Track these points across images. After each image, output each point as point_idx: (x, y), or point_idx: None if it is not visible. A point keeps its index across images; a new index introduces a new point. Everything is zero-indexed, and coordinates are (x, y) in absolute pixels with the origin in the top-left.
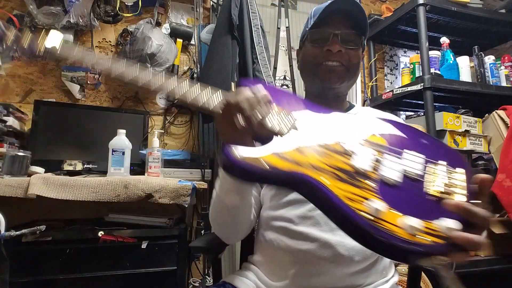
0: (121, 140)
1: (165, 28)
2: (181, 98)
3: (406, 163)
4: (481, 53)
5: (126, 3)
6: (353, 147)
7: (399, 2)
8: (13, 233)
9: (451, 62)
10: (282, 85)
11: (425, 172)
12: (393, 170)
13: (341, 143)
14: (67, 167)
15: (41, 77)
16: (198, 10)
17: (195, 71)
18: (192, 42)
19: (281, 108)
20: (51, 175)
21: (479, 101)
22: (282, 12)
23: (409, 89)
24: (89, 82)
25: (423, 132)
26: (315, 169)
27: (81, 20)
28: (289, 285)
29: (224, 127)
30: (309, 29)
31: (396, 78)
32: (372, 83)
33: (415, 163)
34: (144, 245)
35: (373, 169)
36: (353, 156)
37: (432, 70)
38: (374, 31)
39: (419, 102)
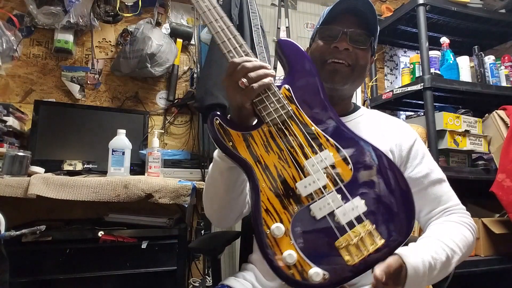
0: (121, 140)
1: (165, 28)
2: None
3: (344, 208)
4: (481, 53)
5: (126, 3)
6: (313, 169)
7: (399, 2)
8: (13, 233)
9: (451, 62)
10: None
11: (351, 229)
12: (325, 207)
13: (306, 161)
14: (67, 167)
15: (41, 77)
16: None
17: (195, 71)
18: (192, 42)
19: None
20: (51, 175)
21: (479, 101)
22: (282, 12)
23: (409, 89)
24: (89, 82)
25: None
26: (263, 168)
27: (81, 20)
28: (283, 285)
29: (228, 84)
30: (319, 25)
31: (396, 78)
32: (372, 83)
33: (352, 213)
34: (144, 245)
35: (309, 197)
36: (306, 178)
37: (432, 70)
38: None
39: (419, 102)
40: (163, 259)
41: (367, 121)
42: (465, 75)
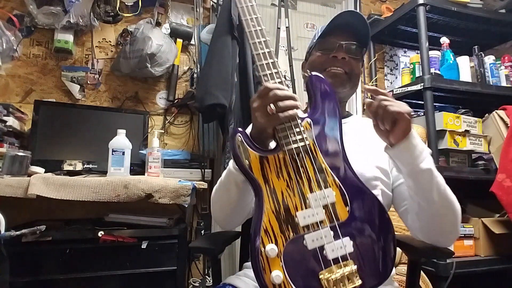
0: (121, 140)
1: (165, 28)
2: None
3: (334, 245)
4: (481, 53)
5: (126, 3)
6: (314, 203)
7: (399, 2)
8: (13, 233)
9: (451, 62)
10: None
11: (335, 264)
12: (318, 240)
13: (310, 194)
14: (67, 167)
15: (41, 77)
16: (198, 10)
17: (195, 71)
18: (192, 42)
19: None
20: (51, 175)
21: (479, 101)
22: (282, 12)
23: (409, 89)
24: (89, 82)
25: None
26: (271, 191)
27: (81, 20)
28: None
29: (257, 106)
30: (316, 39)
31: (396, 78)
32: (372, 83)
33: (339, 251)
34: (144, 245)
35: (306, 228)
36: (306, 209)
37: (432, 70)
38: (374, 31)
39: (419, 102)
40: (163, 259)
41: (359, 128)
42: (465, 75)
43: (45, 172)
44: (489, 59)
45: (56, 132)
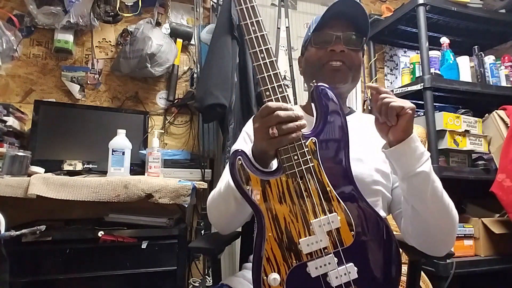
0: (121, 140)
1: (165, 28)
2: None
3: (338, 272)
4: (481, 53)
5: (126, 3)
6: (318, 230)
7: (399, 2)
8: (13, 233)
9: (451, 62)
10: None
11: None
12: (321, 267)
13: (314, 220)
14: (67, 167)
15: (41, 77)
16: (198, 10)
17: (195, 71)
18: (192, 42)
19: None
20: (51, 175)
21: (479, 101)
22: (282, 12)
23: (409, 89)
24: (89, 82)
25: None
26: (273, 218)
27: (81, 20)
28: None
29: (258, 127)
30: (312, 32)
31: (396, 78)
32: (372, 83)
33: (344, 278)
34: (144, 245)
35: (309, 255)
36: (310, 236)
37: (432, 70)
38: (374, 31)
39: (419, 102)
40: (163, 259)
41: (361, 124)
42: (465, 75)
43: (45, 172)
44: (489, 59)
45: (56, 132)
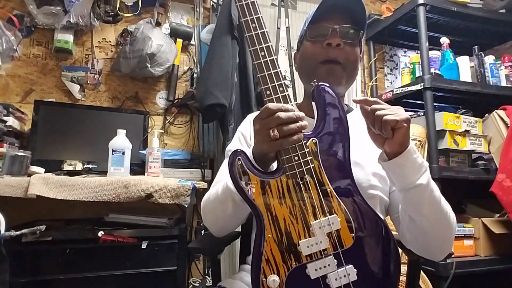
0: (121, 140)
1: (165, 28)
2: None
3: (337, 274)
4: (481, 53)
5: (126, 3)
6: (318, 231)
7: (399, 2)
8: (13, 233)
9: (451, 62)
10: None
11: None
12: (321, 269)
13: (314, 222)
14: (67, 167)
15: (41, 77)
16: (198, 10)
17: (195, 71)
18: (192, 42)
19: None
20: (51, 175)
21: (479, 101)
22: (282, 12)
23: (409, 89)
24: (89, 82)
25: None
26: (273, 219)
27: (81, 20)
28: None
29: (259, 129)
30: (307, 25)
31: (396, 78)
32: (372, 83)
33: (343, 279)
34: (144, 245)
35: (309, 256)
36: (310, 238)
37: (432, 70)
38: (374, 31)
39: (419, 102)
40: (163, 259)
41: (360, 124)
42: (465, 75)
43: (45, 172)
44: (489, 59)
45: (56, 132)
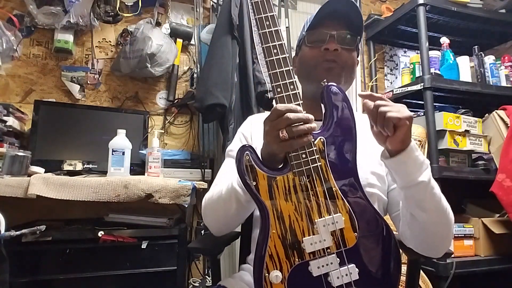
0: (121, 140)
1: (165, 28)
2: None
3: (340, 272)
4: (481, 53)
5: (126, 3)
6: (322, 229)
7: (399, 2)
8: (13, 233)
9: (451, 62)
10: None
11: None
12: (323, 267)
13: (318, 219)
14: (67, 167)
15: (41, 77)
16: (198, 10)
17: (195, 71)
18: (192, 42)
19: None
20: (51, 175)
21: (479, 101)
22: (282, 12)
23: (409, 89)
24: (89, 82)
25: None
26: (278, 215)
27: (81, 20)
28: None
29: (268, 130)
30: (305, 31)
31: (396, 78)
32: (372, 83)
33: (345, 278)
34: (144, 245)
35: (312, 254)
36: (314, 235)
37: (432, 70)
38: (374, 31)
39: (419, 102)
40: (163, 259)
41: (358, 125)
42: (465, 75)
43: (45, 172)
44: (489, 59)
45: (56, 132)
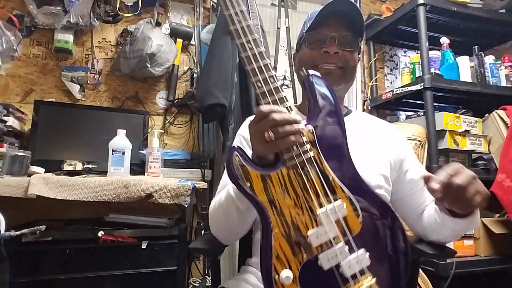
0: (121, 140)
1: (165, 28)
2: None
3: (350, 261)
4: (481, 53)
5: (126, 3)
6: (325, 220)
7: (399, 2)
8: (13, 233)
9: (451, 62)
10: (282, 85)
11: (354, 280)
12: (333, 258)
13: (320, 210)
14: (67, 167)
15: (41, 77)
16: (198, 10)
17: (195, 71)
18: (192, 42)
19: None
20: (51, 175)
21: (479, 101)
22: (282, 12)
23: (409, 89)
24: (89, 82)
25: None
26: (278, 213)
27: (81, 20)
28: None
29: (254, 133)
30: (305, 31)
31: (396, 78)
32: (372, 83)
33: (356, 266)
34: (144, 245)
35: (319, 247)
36: (318, 227)
37: (432, 70)
38: (374, 31)
39: (419, 102)
40: (163, 259)
41: (361, 124)
42: (465, 75)
43: (45, 172)
44: (489, 59)
45: (56, 132)
